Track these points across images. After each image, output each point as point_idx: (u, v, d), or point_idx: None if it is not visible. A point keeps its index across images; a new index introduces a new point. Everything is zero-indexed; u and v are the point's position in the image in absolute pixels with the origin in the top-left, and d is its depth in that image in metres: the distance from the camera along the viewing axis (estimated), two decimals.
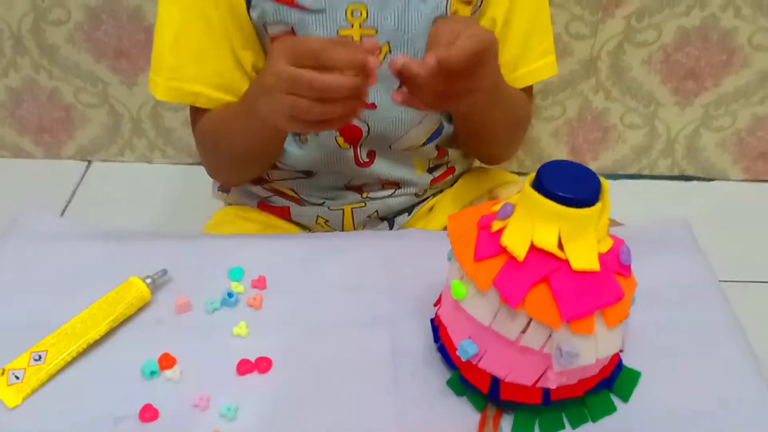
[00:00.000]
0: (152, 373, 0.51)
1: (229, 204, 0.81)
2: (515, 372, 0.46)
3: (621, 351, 0.49)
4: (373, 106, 0.67)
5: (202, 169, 0.79)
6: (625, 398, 0.50)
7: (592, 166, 1.37)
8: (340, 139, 0.69)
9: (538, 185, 0.44)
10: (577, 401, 0.48)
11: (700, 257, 0.61)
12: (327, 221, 0.75)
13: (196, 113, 0.69)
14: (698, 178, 1.38)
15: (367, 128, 0.68)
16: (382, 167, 0.71)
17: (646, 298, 0.56)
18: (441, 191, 0.78)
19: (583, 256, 0.43)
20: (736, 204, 1.33)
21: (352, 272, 0.60)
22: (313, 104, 0.52)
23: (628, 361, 0.52)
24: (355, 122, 0.68)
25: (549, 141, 1.34)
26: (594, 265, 0.43)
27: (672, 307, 0.56)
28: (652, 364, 0.52)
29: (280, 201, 0.75)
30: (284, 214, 0.76)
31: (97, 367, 0.52)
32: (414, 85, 0.54)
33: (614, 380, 0.49)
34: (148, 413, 0.49)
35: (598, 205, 0.44)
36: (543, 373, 0.46)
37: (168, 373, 0.51)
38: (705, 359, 0.53)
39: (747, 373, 0.52)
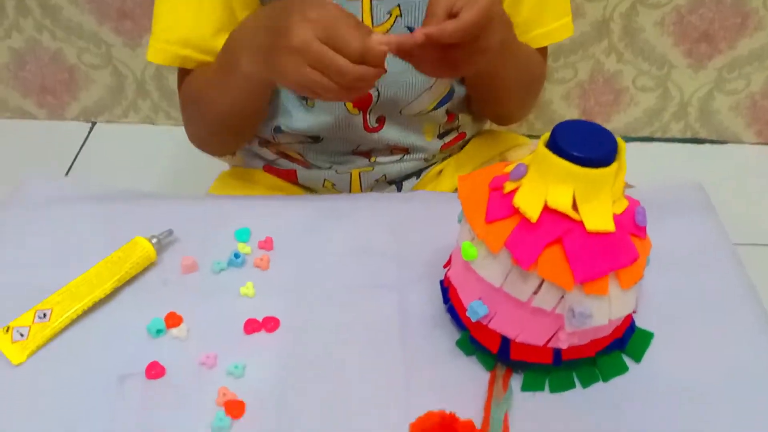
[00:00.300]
0: (158, 331, 0.51)
1: (235, 166, 0.80)
2: (526, 332, 0.46)
3: (634, 312, 0.48)
4: (384, 71, 0.66)
5: None
6: (638, 359, 0.49)
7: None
8: (349, 105, 0.68)
9: (553, 145, 0.43)
10: (588, 361, 0.48)
11: (714, 220, 0.60)
12: (334, 185, 0.74)
13: (183, 77, 0.68)
14: (711, 141, 1.37)
15: (377, 94, 0.67)
16: (391, 133, 0.70)
17: (658, 261, 0.55)
18: (450, 155, 0.77)
19: (598, 217, 0.42)
20: (748, 167, 1.32)
21: (360, 235, 0.59)
22: (334, 84, 0.51)
23: (640, 324, 0.51)
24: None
25: (560, 103, 1.33)
26: (609, 226, 0.42)
27: (685, 271, 0.55)
28: (664, 327, 0.51)
29: (286, 164, 0.74)
30: (291, 176, 0.75)
31: (103, 326, 0.52)
32: (413, 57, 0.53)
33: (627, 341, 0.49)
34: (155, 370, 0.49)
35: (614, 165, 0.43)
36: (554, 334, 0.45)
37: (174, 331, 0.51)
38: (718, 323, 0.52)
39: (760, 338, 0.51)
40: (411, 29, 0.65)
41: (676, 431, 0.46)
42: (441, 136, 0.74)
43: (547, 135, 0.44)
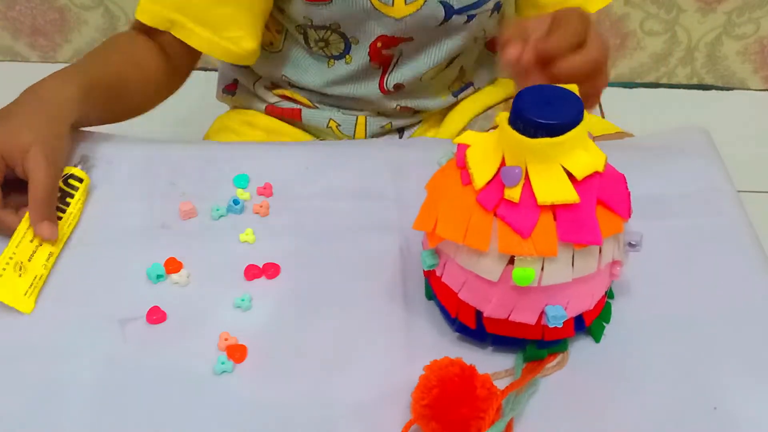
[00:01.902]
0: (159, 276, 0.51)
1: (235, 107, 0.78)
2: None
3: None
4: (410, 39, 0.66)
5: (201, 75, 0.75)
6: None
7: (609, 74, 1.33)
8: (373, 66, 0.68)
9: (513, 111, 0.41)
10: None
11: (719, 165, 0.60)
12: (339, 125, 0.73)
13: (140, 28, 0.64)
14: (717, 88, 1.35)
15: (399, 53, 0.67)
16: (406, 98, 0.70)
17: (662, 204, 0.55)
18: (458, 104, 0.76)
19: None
20: (755, 114, 1.30)
21: (359, 179, 0.59)
22: None
23: (642, 269, 0.51)
24: (386, 52, 0.66)
25: None
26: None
27: (688, 214, 0.55)
28: (666, 272, 0.52)
29: (290, 105, 0.73)
30: (294, 116, 0.73)
31: (103, 271, 0.52)
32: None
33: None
34: (156, 315, 0.49)
35: (573, 132, 0.40)
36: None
37: (174, 276, 0.51)
38: (720, 268, 0.52)
39: (761, 284, 0.51)
40: (444, 3, 0.63)
41: (676, 364, 0.47)
42: (455, 94, 0.74)
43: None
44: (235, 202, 0.56)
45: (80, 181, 0.56)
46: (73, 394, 0.45)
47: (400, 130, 0.75)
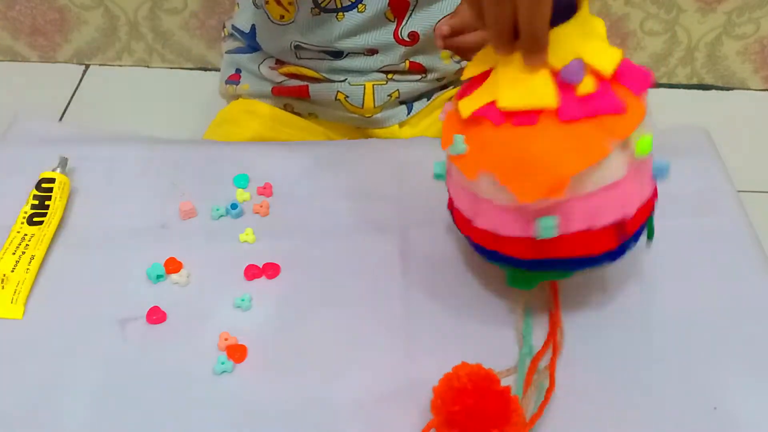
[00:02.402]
0: (159, 276, 0.51)
1: (239, 96, 0.78)
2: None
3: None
4: None
5: (201, 74, 0.75)
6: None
7: None
8: (388, 12, 0.67)
9: None
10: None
11: (718, 165, 0.60)
12: (347, 97, 0.72)
13: None
14: (717, 88, 1.35)
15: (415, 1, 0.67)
16: (417, 51, 0.70)
17: (662, 204, 0.55)
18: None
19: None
20: (755, 114, 1.30)
21: (360, 180, 0.59)
22: None
23: (642, 269, 0.51)
24: None
25: None
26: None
27: (688, 214, 0.55)
28: (665, 271, 0.51)
29: (297, 82, 0.73)
30: (302, 93, 0.73)
31: (103, 271, 0.52)
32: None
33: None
34: (156, 316, 0.49)
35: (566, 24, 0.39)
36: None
37: (174, 276, 0.51)
38: (720, 268, 0.52)
39: (761, 285, 0.51)
40: None
41: (676, 364, 0.47)
42: (459, 61, 0.73)
43: None
44: (233, 206, 0.56)
45: (53, 181, 0.55)
46: (73, 394, 0.45)
47: (408, 105, 0.75)
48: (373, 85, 0.71)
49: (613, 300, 0.50)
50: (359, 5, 0.67)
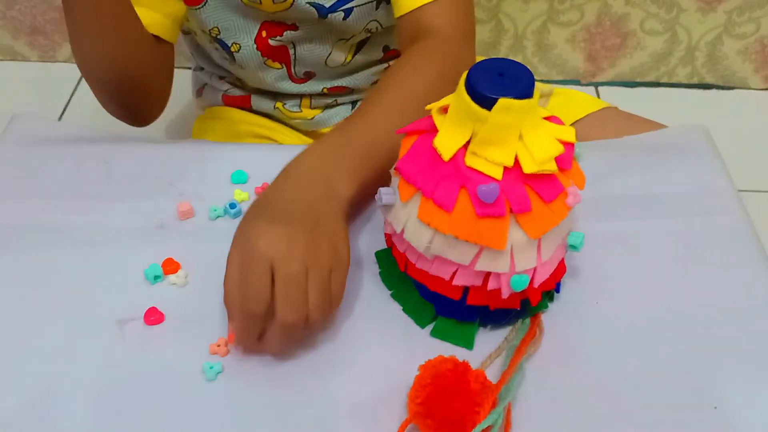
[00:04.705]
0: (156, 277, 0.51)
1: (204, 107, 0.81)
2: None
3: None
4: (294, 27, 0.66)
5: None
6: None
7: (609, 73, 1.33)
8: (269, 61, 0.69)
9: (466, 83, 0.41)
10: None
11: (719, 164, 0.60)
12: (285, 104, 0.74)
13: None
14: (717, 87, 1.34)
15: (293, 49, 0.68)
16: (321, 82, 0.71)
17: (662, 205, 0.55)
18: None
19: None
20: (755, 113, 1.30)
21: None
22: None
23: (642, 269, 0.51)
24: (278, 43, 0.67)
25: (565, 47, 1.29)
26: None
27: (688, 213, 0.55)
28: (666, 271, 0.51)
29: (239, 92, 0.75)
30: (245, 103, 0.76)
31: (100, 271, 0.52)
32: None
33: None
34: (154, 316, 0.49)
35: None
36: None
37: (172, 277, 0.51)
38: (720, 268, 0.52)
39: (761, 284, 0.51)
40: (314, 4, 0.64)
41: (676, 364, 0.46)
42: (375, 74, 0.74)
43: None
44: (231, 206, 0.55)
45: None
46: (71, 394, 0.45)
47: (353, 104, 0.75)
48: (311, 96, 0.73)
49: (613, 299, 0.50)
50: (232, 45, 0.67)
